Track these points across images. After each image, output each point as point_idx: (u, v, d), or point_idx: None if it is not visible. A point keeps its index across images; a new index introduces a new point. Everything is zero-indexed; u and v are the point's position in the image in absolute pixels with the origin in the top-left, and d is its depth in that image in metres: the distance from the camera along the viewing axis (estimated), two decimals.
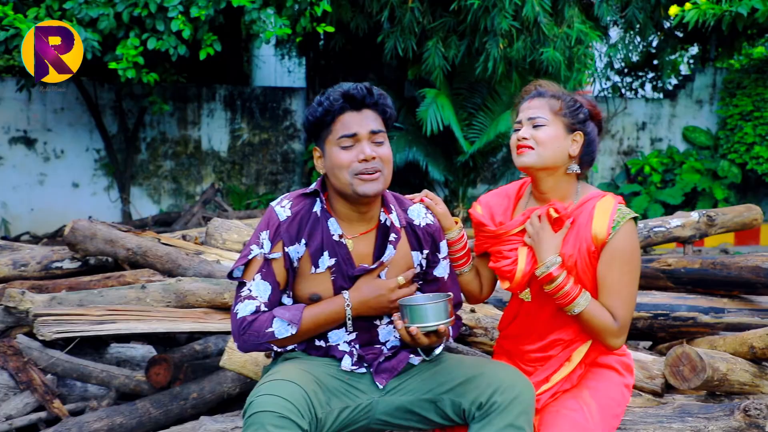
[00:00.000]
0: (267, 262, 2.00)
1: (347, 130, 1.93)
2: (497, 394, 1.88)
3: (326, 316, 1.98)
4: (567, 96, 2.10)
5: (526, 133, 2.09)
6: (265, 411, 1.78)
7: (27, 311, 2.58)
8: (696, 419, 2.17)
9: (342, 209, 2.02)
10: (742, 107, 8.86)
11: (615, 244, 2.03)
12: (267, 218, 2.04)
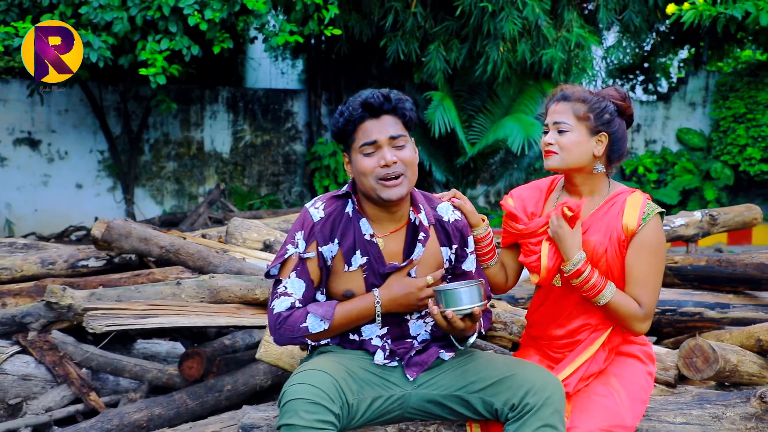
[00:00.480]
0: (302, 261, 2.10)
1: (367, 138, 2.02)
2: (529, 396, 1.98)
3: (357, 313, 2.08)
4: (593, 98, 2.21)
5: (551, 138, 2.22)
6: (297, 398, 1.89)
7: (68, 306, 2.67)
8: (714, 406, 2.30)
9: (371, 210, 2.12)
10: (735, 110, 9.04)
11: (644, 235, 2.16)
12: (302, 219, 2.14)
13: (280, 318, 2.07)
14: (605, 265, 2.20)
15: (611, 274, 2.21)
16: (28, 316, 2.76)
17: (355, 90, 8.15)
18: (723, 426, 2.24)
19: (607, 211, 2.24)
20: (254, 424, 2.23)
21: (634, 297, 2.19)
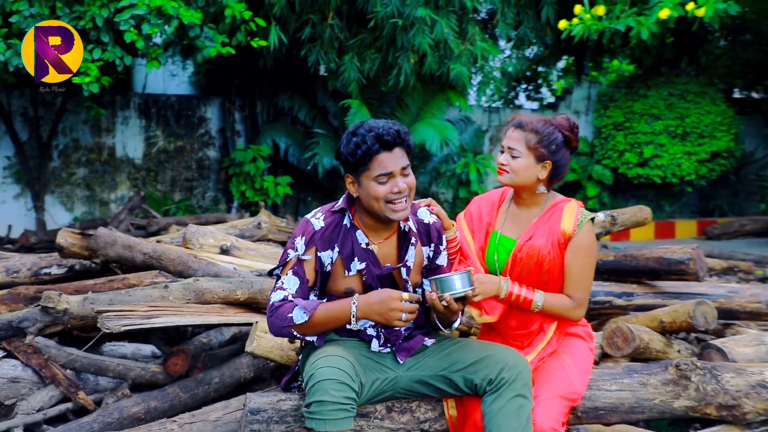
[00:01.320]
0: (299, 261, 2.41)
1: (384, 170, 2.32)
2: (504, 372, 2.38)
3: (336, 312, 2.34)
4: (544, 129, 2.63)
5: (505, 159, 2.64)
6: (326, 379, 2.21)
7: (64, 311, 2.84)
8: (641, 375, 2.79)
9: (369, 222, 2.45)
10: (614, 118, 9.95)
11: (579, 238, 2.63)
12: (303, 227, 2.45)
13: (273, 308, 2.37)
14: (548, 265, 2.65)
15: (552, 272, 2.66)
16: (25, 321, 2.90)
17: (270, 97, 8.42)
18: (648, 390, 2.74)
19: (548, 219, 2.68)
20: (260, 408, 2.52)
21: (571, 291, 2.65)
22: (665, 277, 4.07)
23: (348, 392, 2.21)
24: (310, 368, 2.27)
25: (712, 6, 6.93)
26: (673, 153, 9.45)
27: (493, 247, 2.72)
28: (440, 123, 7.86)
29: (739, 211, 10.92)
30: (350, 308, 2.31)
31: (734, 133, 9.83)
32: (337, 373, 2.22)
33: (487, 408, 2.38)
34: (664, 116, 9.53)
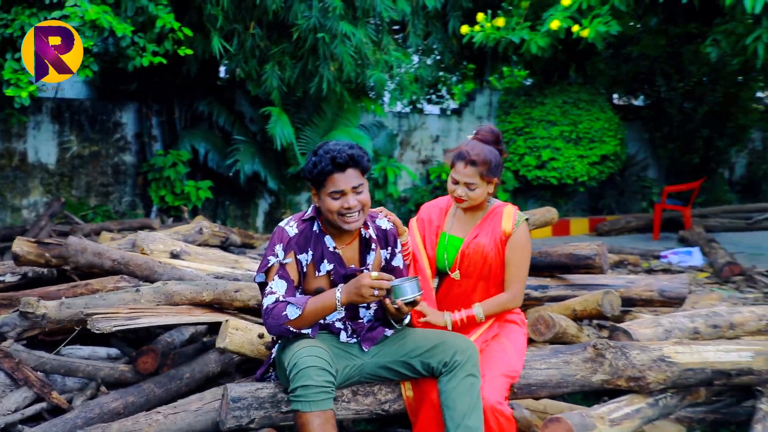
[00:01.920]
0: (282, 266, 2.74)
1: (336, 188, 2.68)
2: (457, 355, 2.78)
3: (323, 302, 2.69)
4: (491, 157, 3.05)
5: (463, 192, 3.07)
6: (309, 366, 2.54)
7: (43, 315, 3.01)
8: (565, 355, 3.26)
9: (333, 230, 2.81)
10: (515, 124, 10.63)
11: (516, 236, 3.08)
12: (279, 235, 2.78)
13: (268, 310, 2.68)
14: (491, 259, 3.08)
15: (494, 266, 3.11)
16: (4, 326, 3.04)
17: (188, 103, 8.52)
18: (571, 367, 3.21)
19: (491, 221, 3.13)
20: (240, 397, 2.81)
21: (510, 282, 3.10)
22: (574, 270, 4.61)
23: (328, 377, 2.54)
24: (292, 358, 2.58)
25: (595, 29, 7.70)
26: (568, 156, 10.21)
27: (442, 246, 3.13)
28: (355, 132, 8.24)
29: (625, 209, 11.86)
30: (335, 296, 2.64)
31: (620, 138, 10.72)
32: (318, 361, 2.55)
33: (443, 387, 2.77)
34: (559, 122, 10.28)
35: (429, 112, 11.39)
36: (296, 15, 7.38)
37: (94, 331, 2.82)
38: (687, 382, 3.28)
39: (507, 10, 8.89)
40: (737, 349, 3.39)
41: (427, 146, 10.94)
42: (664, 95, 11.66)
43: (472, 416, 2.70)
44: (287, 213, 9.12)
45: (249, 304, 3.45)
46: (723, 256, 7.91)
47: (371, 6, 7.69)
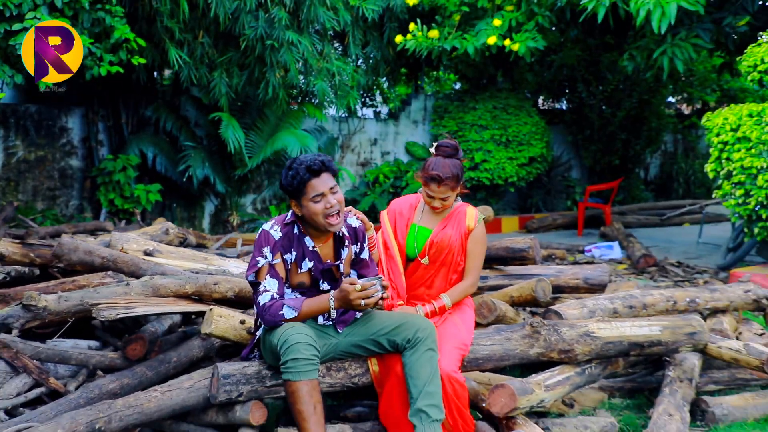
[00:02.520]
0: (272, 266, 3.16)
1: (315, 192, 3.12)
2: (419, 332, 3.25)
3: (317, 306, 3.14)
4: (457, 172, 3.58)
5: (438, 204, 3.62)
6: (298, 342, 2.97)
7: (44, 307, 3.33)
8: (506, 333, 3.78)
9: (313, 231, 3.25)
10: (449, 127, 11.21)
11: (476, 232, 3.62)
12: (265, 238, 3.19)
13: (265, 308, 3.09)
14: (455, 248, 3.62)
15: (456, 254, 3.64)
16: (9, 318, 3.33)
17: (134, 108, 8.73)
18: (512, 343, 3.73)
19: (456, 217, 3.66)
20: (230, 374, 3.21)
21: (470, 270, 3.64)
22: (511, 262, 5.16)
23: (314, 351, 2.98)
24: (281, 336, 3.00)
25: (524, 44, 8.47)
26: (499, 158, 10.86)
27: (412, 236, 3.64)
28: (301, 133, 8.64)
29: (551, 207, 12.63)
30: (329, 303, 3.10)
31: (546, 141, 11.44)
32: (305, 338, 2.98)
33: (407, 360, 3.24)
34: (490, 126, 10.92)
35: (367, 117, 11.83)
36: (243, 25, 7.73)
37: (99, 319, 3.17)
38: (608, 353, 3.85)
39: (440, 22, 9.46)
40: (648, 324, 3.99)
41: (366, 149, 11.41)
42: (585, 101, 12.48)
43: (432, 383, 3.18)
44: (233, 215, 9.43)
45: (227, 295, 3.84)
46: (639, 250, 8.68)
47: (315, 16, 8.10)
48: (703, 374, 4.32)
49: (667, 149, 15.14)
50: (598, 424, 3.72)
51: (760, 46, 6.66)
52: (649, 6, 7.05)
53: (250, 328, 3.52)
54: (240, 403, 3.23)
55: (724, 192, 6.74)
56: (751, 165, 6.39)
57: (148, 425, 3.22)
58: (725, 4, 7.75)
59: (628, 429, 3.87)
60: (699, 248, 9.67)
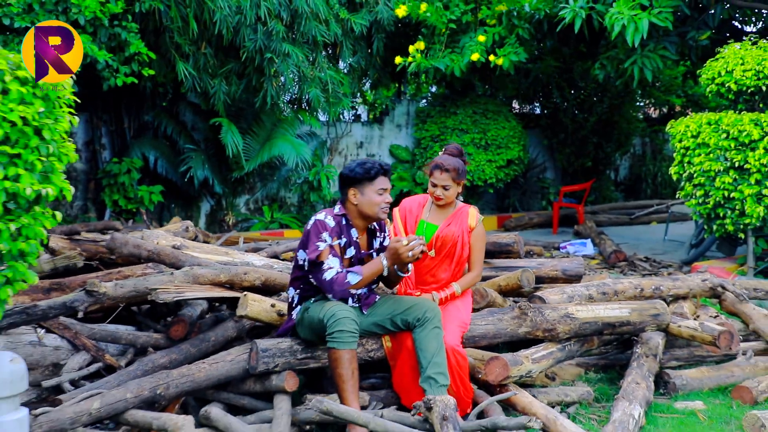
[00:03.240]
0: (331, 247, 3.72)
1: (383, 186, 3.79)
2: (427, 313, 3.84)
3: (374, 269, 3.73)
4: (457, 165, 4.17)
5: (440, 193, 4.18)
6: (344, 317, 3.55)
7: (104, 293, 3.86)
8: (498, 314, 4.39)
9: (358, 222, 3.86)
10: (431, 132, 11.81)
11: (478, 230, 4.22)
12: (323, 226, 3.76)
13: (332, 281, 3.65)
14: (459, 243, 4.20)
15: (459, 248, 4.21)
16: (75, 302, 3.85)
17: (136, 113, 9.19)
18: (503, 323, 4.33)
19: (459, 216, 4.25)
20: (267, 348, 3.77)
21: (474, 263, 4.24)
22: (498, 255, 5.78)
23: (356, 326, 3.57)
24: (328, 312, 3.57)
25: (508, 59, 9.17)
26: (479, 161, 11.48)
27: (421, 231, 4.22)
28: (296, 141, 9.20)
29: (527, 207, 13.30)
30: (382, 263, 3.72)
31: (523, 144, 12.09)
32: (350, 314, 3.58)
33: (417, 335, 3.83)
34: (470, 130, 11.54)
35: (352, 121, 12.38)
36: (244, 37, 8.26)
37: (158, 301, 3.71)
38: (585, 332, 4.48)
39: (425, 34, 10.09)
40: (619, 307, 4.62)
41: (353, 152, 11.98)
42: (560, 106, 13.18)
43: (438, 355, 3.77)
44: (229, 214, 9.94)
45: (255, 284, 4.39)
46: (610, 246, 9.36)
47: (309, 30, 8.67)
48: (666, 352, 4.96)
49: (636, 152, 15.92)
50: (576, 392, 4.34)
51: (717, 61, 7.36)
52: (623, 21, 7.71)
53: (279, 311, 4.08)
54: (276, 373, 3.79)
55: (686, 193, 7.44)
56: (710, 168, 7.09)
57: (197, 392, 3.78)
58: (689, 20, 8.45)
59: (602, 397, 4.49)
60: (665, 245, 10.39)
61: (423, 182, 11.74)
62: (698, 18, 8.43)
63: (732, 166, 6.99)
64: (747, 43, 7.38)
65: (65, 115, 3.04)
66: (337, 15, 9.27)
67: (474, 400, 4.02)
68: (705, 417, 4.23)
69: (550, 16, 9.12)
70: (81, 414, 3.33)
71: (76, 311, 3.84)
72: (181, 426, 3.23)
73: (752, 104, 7.36)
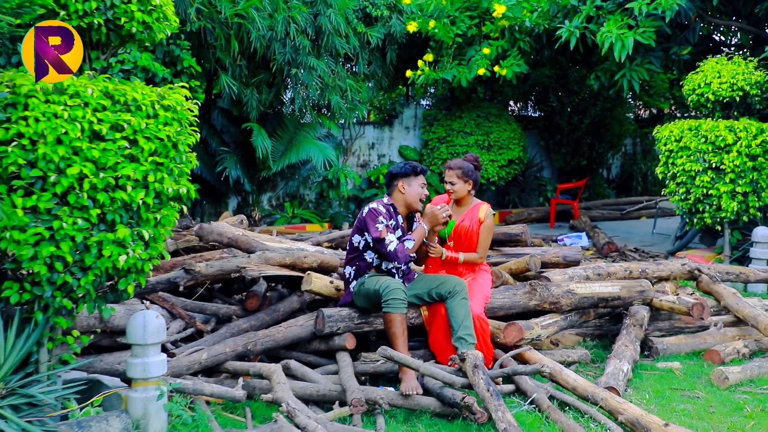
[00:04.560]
0: (387, 227, 4.69)
1: (424, 181, 4.80)
2: (456, 287, 4.81)
3: (419, 234, 4.77)
4: (464, 165, 5.14)
5: (449, 187, 5.14)
6: (396, 288, 4.52)
7: (199, 271, 4.80)
8: (513, 290, 5.35)
9: (402, 210, 4.84)
10: (438, 133, 12.76)
11: (486, 222, 5.17)
12: (377, 212, 4.74)
13: (395, 251, 4.63)
14: (472, 233, 5.14)
15: (472, 239, 5.16)
16: (177, 278, 4.79)
17: None
18: (517, 297, 5.29)
19: (472, 212, 5.20)
20: (331, 315, 4.73)
21: (480, 248, 5.17)
22: (507, 244, 6.75)
23: (404, 295, 4.55)
24: (381, 285, 4.53)
25: (511, 70, 10.17)
26: (482, 160, 12.44)
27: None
28: (322, 144, 10.16)
29: (526, 203, 14.28)
30: (424, 228, 4.76)
31: (522, 145, 13.06)
32: (401, 285, 4.56)
33: (449, 305, 4.79)
34: (474, 132, 12.50)
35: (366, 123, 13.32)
36: (274, 51, 9.20)
37: (248, 277, 4.66)
38: (583, 305, 5.44)
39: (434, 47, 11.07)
40: (611, 285, 5.59)
41: (365, 152, 12.93)
42: (556, 110, 14.17)
43: (467, 319, 4.73)
44: (255, 210, 10.87)
45: (312, 265, 5.33)
46: (603, 238, 10.34)
47: (331, 43, 9.62)
48: (650, 324, 5.93)
49: (627, 151, 16.93)
50: (576, 354, 5.31)
51: (697, 74, 8.35)
52: (611, 39, 8.69)
53: (336, 286, 5.03)
54: (338, 335, 4.75)
55: (670, 190, 8.43)
56: (691, 169, 8.08)
57: (275, 350, 4.73)
58: (672, 36, 9.44)
59: (597, 359, 5.46)
60: (653, 238, 11.39)
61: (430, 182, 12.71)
62: (680, 35, 9.41)
63: (710, 167, 7.98)
64: (723, 59, 8.37)
65: (190, 132, 3.97)
66: (355, 29, 10.21)
67: (494, 358, 4.98)
68: (681, 373, 5.21)
69: (549, 30, 10.09)
70: (193, 363, 4.28)
71: (178, 286, 4.77)
72: (273, 371, 4.17)
73: (728, 112, 8.35)
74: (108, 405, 3.84)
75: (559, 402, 4.47)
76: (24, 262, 3.27)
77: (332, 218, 11.59)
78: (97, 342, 4.52)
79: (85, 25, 3.57)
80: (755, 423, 4.35)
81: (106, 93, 3.45)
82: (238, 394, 3.95)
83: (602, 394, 4.33)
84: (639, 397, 4.73)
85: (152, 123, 3.62)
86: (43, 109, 3.21)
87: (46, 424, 3.46)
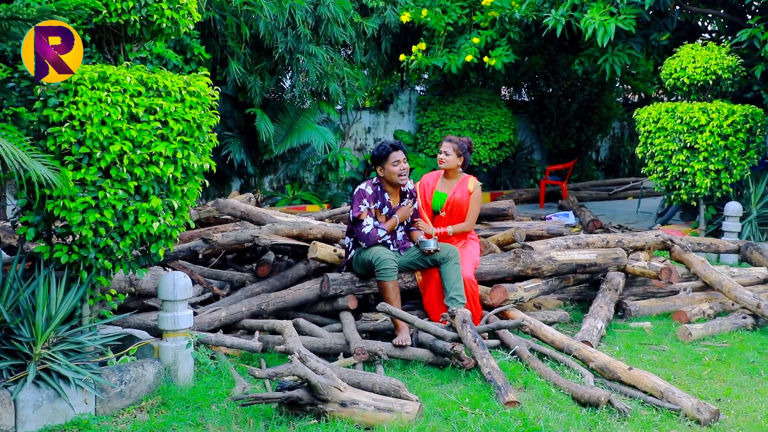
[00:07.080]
0: (369, 210, 5.22)
1: (395, 159, 5.25)
2: (449, 254, 5.35)
3: (392, 223, 5.28)
4: (459, 142, 5.67)
5: (442, 156, 5.66)
6: (386, 257, 5.07)
7: (215, 241, 5.34)
8: (499, 257, 5.91)
9: (389, 188, 5.34)
10: (432, 118, 13.28)
11: (475, 193, 5.72)
12: (363, 193, 5.26)
13: (369, 234, 5.16)
14: (462, 206, 5.70)
15: (462, 210, 5.71)
16: (196, 247, 5.33)
17: None
18: (503, 264, 5.85)
19: (462, 185, 5.75)
20: (335, 279, 5.28)
21: (469, 217, 5.72)
22: (495, 218, 7.31)
23: (394, 264, 5.09)
24: (374, 255, 5.08)
25: (500, 60, 10.70)
26: (474, 144, 12.98)
27: (436, 198, 5.70)
28: (322, 129, 10.68)
29: (517, 184, 14.82)
30: (396, 219, 5.27)
31: (513, 128, 13.59)
32: (390, 255, 5.10)
33: (442, 269, 5.34)
34: (466, 117, 13.02)
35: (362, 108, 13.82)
36: (276, 40, 9.71)
37: (259, 245, 5.21)
38: (563, 271, 6.00)
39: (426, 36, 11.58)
40: (588, 253, 6.15)
41: (362, 137, 13.45)
42: (546, 94, 14.69)
43: (458, 282, 5.29)
44: (258, 192, 11.39)
45: (317, 236, 5.87)
46: (588, 216, 10.89)
47: (330, 32, 10.13)
48: (625, 290, 6.50)
49: (615, 134, 17.48)
50: (556, 314, 5.88)
51: (674, 59, 8.89)
52: (594, 25, 9.22)
53: (339, 254, 5.59)
54: (341, 296, 5.30)
55: (649, 169, 8.99)
56: (668, 148, 8.64)
57: (285, 310, 5.28)
58: (652, 23, 9.96)
59: (575, 321, 6.02)
60: (638, 216, 11.96)
61: (425, 165, 13.24)
62: (660, 22, 9.94)
63: (685, 146, 8.54)
64: (698, 45, 8.91)
65: (211, 115, 4.49)
66: (352, 19, 10.71)
67: (482, 317, 5.54)
68: (650, 331, 5.78)
69: (537, 20, 10.61)
70: (214, 320, 4.84)
71: (197, 254, 5.33)
72: (285, 326, 4.73)
73: (702, 95, 8.90)
74: (140, 355, 4.39)
75: (538, 353, 5.04)
76: (73, 227, 3.81)
77: (331, 199, 12.12)
78: (126, 304, 5.07)
79: (123, 21, 4.08)
80: (711, 370, 4.94)
81: (141, 81, 3.98)
82: (255, 345, 4.51)
83: (576, 345, 4.91)
84: (610, 350, 5.31)
85: (180, 107, 4.15)
86: (90, 95, 3.74)
87: (91, 369, 4.01)
